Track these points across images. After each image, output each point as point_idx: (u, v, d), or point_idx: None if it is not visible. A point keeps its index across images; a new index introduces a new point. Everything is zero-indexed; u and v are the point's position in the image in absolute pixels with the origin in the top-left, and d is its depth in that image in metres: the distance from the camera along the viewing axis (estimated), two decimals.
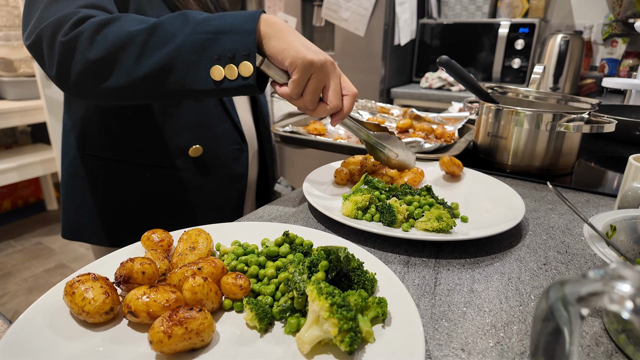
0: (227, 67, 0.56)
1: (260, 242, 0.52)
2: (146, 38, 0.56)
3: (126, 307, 0.38)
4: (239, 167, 0.91)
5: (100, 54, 0.57)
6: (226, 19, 0.56)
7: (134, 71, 0.57)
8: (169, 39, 0.56)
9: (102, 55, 0.57)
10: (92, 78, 0.59)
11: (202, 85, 0.57)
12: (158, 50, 0.56)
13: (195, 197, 0.87)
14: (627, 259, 0.41)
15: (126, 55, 0.57)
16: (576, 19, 2.30)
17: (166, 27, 0.56)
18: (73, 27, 0.58)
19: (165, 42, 0.56)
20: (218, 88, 0.57)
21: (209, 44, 0.55)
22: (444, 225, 0.55)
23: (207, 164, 0.86)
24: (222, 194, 0.90)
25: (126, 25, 0.58)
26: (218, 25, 0.56)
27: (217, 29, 0.56)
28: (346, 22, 2.14)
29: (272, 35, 0.56)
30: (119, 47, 0.57)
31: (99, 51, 0.57)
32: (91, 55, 0.57)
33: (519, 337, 0.40)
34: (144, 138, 0.81)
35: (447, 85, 2.21)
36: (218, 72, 0.56)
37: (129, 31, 0.57)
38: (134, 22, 0.58)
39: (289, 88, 0.58)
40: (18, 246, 2.57)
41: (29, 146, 2.87)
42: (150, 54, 0.56)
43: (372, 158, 0.75)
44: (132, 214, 0.85)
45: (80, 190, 0.85)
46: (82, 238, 0.87)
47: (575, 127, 0.77)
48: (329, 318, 0.34)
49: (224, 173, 0.89)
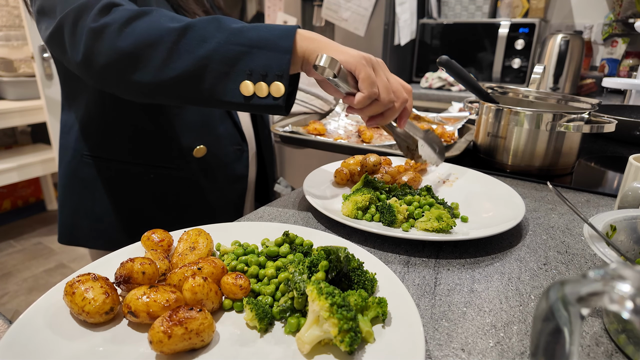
0: (258, 84, 0.54)
1: (260, 242, 0.52)
2: (176, 39, 0.54)
3: (126, 307, 0.38)
4: (240, 168, 0.91)
5: (129, 47, 0.55)
6: (261, 32, 0.54)
7: (162, 72, 0.55)
8: (200, 43, 0.54)
9: (130, 48, 0.55)
10: (119, 70, 0.57)
11: (230, 98, 0.55)
12: (188, 54, 0.54)
13: (197, 197, 0.87)
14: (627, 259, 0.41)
15: (155, 54, 0.55)
16: (576, 19, 2.30)
17: (198, 30, 0.54)
18: (101, 14, 0.56)
19: (196, 46, 0.54)
20: (246, 103, 0.56)
21: (242, 56, 0.54)
22: (444, 225, 0.55)
23: (209, 164, 0.86)
24: (224, 194, 0.90)
25: (157, 21, 0.55)
26: (253, 37, 0.54)
27: (252, 41, 0.54)
28: (346, 22, 2.14)
29: (314, 49, 0.55)
30: (149, 43, 0.55)
31: (128, 43, 0.55)
32: (120, 46, 0.55)
33: (519, 337, 0.40)
34: (148, 139, 0.81)
35: (447, 85, 2.21)
36: (248, 87, 0.54)
37: (160, 28, 0.55)
38: (165, 19, 0.56)
39: (362, 88, 0.55)
40: (18, 246, 2.57)
41: (29, 146, 2.87)
42: (179, 56, 0.54)
43: (372, 158, 0.75)
44: (132, 217, 0.84)
45: (79, 193, 0.84)
46: (79, 243, 0.86)
47: (575, 127, 0.77)
48: (329, 318, 0.34)
49: (226, 173, 0.89)
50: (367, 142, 0.98)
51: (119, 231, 0.84)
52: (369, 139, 0.98)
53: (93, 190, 0.83)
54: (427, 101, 2.19)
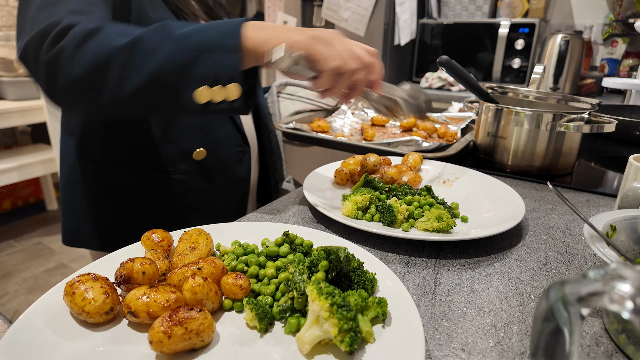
0: (213, 89, 0.53)
1: (260, 242, 0.52)
2: (126, 56, 0.53)
3: (126, 307, 0.38)
4: (242, 170, 0.91)
5: (83, 74, 0.55)
6: (208, 33, 0.53)
7: (118, 92, 0.55)
8: (149, 56, 0.53)
9: (85, 75, 0.55)
10: (79, 96, 0.58)
11: (187, 107, 0.55)
12: (139, 70, 0.53)
13: (199, 200, 0.87)
14: (627, 259, 0.41)
15: (108, 76, 0.55)
16: (576, 19, 2.30)
17: (145, 43, 0.53)
18: (54, 42, 0.56)
19: (145, 60, 0.53)
20: (205, 110, 0.55)
21: (191, 64, 0.52)
22: (444, 225, 0.55)
23: (210, 167, 0.86)
24: (225, 197, 0.90)
25: (106, 40, 0.55)
26: (200, 41, 0.53)
27: (200, 46, 0.52)
28: (346, 22, 2.14)
29: (264, 40, 0.54)
30: (100, 66, 0.54)
31: (82, 70, 0.55)
32: (74, 73, 0.55)
33: (519, 337, 0.40)
34: (147, 142, 0.81)
35: (447, 85, 2.21)
36: (203, 94, 0.53)
37: (109, 49, 0.54)
38: (113, 36, 0.55)
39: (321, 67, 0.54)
40: (18, 246, 2.57)
41: (29, 146, 2.87)
42: (131, 74, 0.54)
43: (372, 158, 0.75)
44: (134, 219, 0.84)
45: (81, 195, 0.84)
46: (83, 244, 0.86)
47: (576, 127, 0.77)
48: (329, 318, 0.34)
49: (227, 175, 0.89)
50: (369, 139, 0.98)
51: (121, 234, 0.84)
52: (371, 137, 0.99)
53: (95, 193, 0.83)
54: None
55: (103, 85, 0.55)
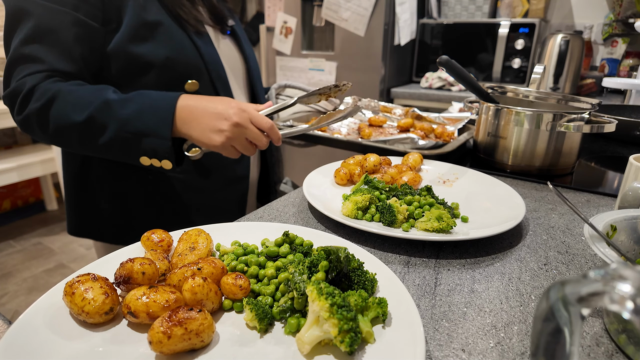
0: (152, 159, 0.69)
1: (260, 242, 0.52)
2: (82, 129, 0.67)
3: (126, 307, 0.37)
4: (241, 169, 0.91)
5: (52, 133, 0.68)
6: (145, 120, 0.66)
7: (81, 150, 0.72)
8: (101, 133, 0.67)
9: (51, 135, 0.69)
10: (55, 144, 0.73)
11: (137, 165, 0.71)
12: (94, 141, 0.68)
13: (198, 199, 0.87)
14: (628, 259, 0.41)
15: (70, 141, 0.70)
16: (576, 19, 2.30)
17: (97, 122, 0.66)
18: (22, 105, 0.68)
19: (97, 135, 0.67)
20: (149, 168, 0.71)
21: (134, 143, 0.67)
22: (444, 225, 0.55)
23: (207, 166, 0.86)
24: (224, 195, 0.90)
25: (64, 112, 0.67)
26: (139, 127, 0.66)
27: (139, 130, 0.66)
28: (346, 22, 2.14)
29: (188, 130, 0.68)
30: (62, 133, 0.68)
31: (50, 131, 0.68)
32: (45, 132, 0.69)
33: (519, 338, 0.40)
34: None
35: (447, 85, 2.21)
36: (145, 161, 0.69)
37: (67, 121, 0.67)
38: (69, 108, 0.67)
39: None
40: (18, 246, 2.57)
41: (29, 146, 2.87)
42: (89, 144, 0.69)
43: (372, 157, 0.75)
44: (137, 215, 0.85)
45: (83, 192, 0.85)
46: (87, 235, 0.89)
47: (576, 127, 0.77)
48: (329, 318, 0.34)
49: (226, 175, 0.89)
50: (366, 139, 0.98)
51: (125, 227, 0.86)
52: (368, 136, 0.99)
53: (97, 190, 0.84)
54: (427, 101, 2.19)
55: (69, 142, 0.70)
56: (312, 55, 2.31)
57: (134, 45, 0.73)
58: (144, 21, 0.73)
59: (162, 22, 0.75)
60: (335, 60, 2.24)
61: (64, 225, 2.85)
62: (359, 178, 0.74)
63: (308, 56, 2.32)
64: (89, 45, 0.72)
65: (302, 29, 2.30)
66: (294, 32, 2.32)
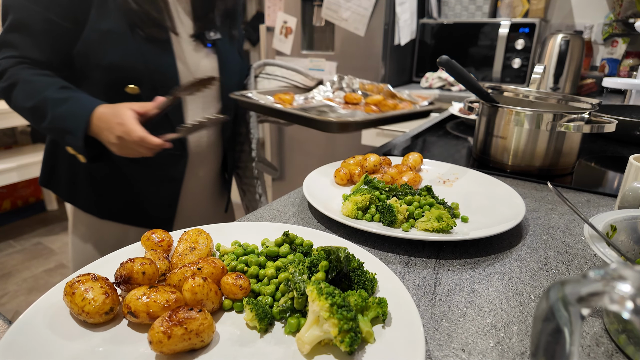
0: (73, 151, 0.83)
1: (260, 242, 0.52)
2: (29, 114, 0.81)
3: (126, 307, 0.37)
4: (174, 171, 0.97)
5: (13, 109, 0.84)
6: (68, 121, 0.78)
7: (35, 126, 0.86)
8: (41, 120, 0.80)
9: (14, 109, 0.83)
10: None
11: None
12: (38, 124, 0.82)
13: (128, 190, 0.95)
14: (628, 259, 0.41)
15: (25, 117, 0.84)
16: (576, 19, 2.30)
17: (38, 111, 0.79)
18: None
19: (39, 121, 0.80)
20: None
21: (60, 136, 0.81)
22: (444, 225, 0.55)
23: (139, 161, 0.87)
24: (156, 191, 0.97)
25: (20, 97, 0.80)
26: (63, 126, 0.79)
27: (62, 128, 0.79)
28: (346, 22, 2.14)
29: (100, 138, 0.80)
30: (19, 111, 0.83)
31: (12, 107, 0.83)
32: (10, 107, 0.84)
33: (519, 338, 0.40)
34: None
35: (447, 85, 2.21)
36: (70, 150, 0.83)
37: (21, 107, 0.81)
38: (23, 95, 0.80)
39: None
40: (18, 246, 2.57)
41: (29, 146, 2.87)
42: (34, 124, 0.83)
43: (372, 158, 0.75)
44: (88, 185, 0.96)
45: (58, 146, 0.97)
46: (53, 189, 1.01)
47: (576, 127, 0.77)
48: (329, 318, 0.34)
49: (157, 173, 0.95)
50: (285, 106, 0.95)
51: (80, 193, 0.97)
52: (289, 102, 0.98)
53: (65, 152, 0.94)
54: None
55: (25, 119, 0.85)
56: (312, 55, 2.31)
57: (86, 48, 0.83)
58: (97, 27, 0.81)
59: (113, 30, 0.82)
60: (335, 60, 2.24)
61: (64, 225, 2.85)
62: (359, 178, 0.74)
63: (308, 56, 2.32)
64: (57, 40, 0.82)
65: (302, 29, 2.30)
66: (294, 32, 2.32)
